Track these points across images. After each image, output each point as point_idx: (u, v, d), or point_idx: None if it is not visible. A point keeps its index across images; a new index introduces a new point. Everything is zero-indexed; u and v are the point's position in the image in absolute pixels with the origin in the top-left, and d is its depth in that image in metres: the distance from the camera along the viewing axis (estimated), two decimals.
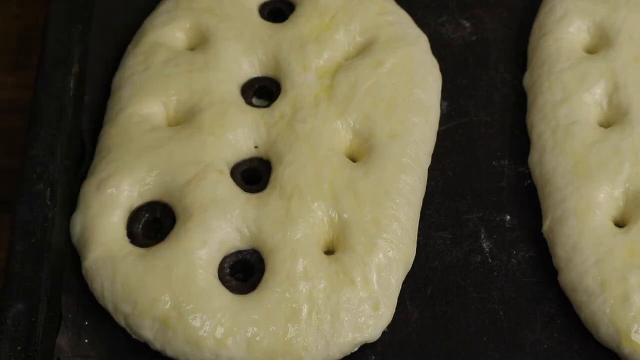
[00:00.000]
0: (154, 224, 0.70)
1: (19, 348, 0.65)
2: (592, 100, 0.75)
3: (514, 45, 0.81)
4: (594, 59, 0.76)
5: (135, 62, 0.76)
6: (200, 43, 0.77)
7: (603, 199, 0.70)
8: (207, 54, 0.76)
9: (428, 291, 0.71)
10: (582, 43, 0.78)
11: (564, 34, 0.78)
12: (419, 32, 0.79)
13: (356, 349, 0.68)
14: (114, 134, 0.73)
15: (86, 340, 0.68)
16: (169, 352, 0.66)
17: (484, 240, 0.72)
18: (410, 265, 0.70)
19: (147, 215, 0.70)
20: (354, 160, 0.73)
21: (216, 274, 0.68)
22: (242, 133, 0.73)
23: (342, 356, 0.67)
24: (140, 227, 0.70)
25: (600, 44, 0.77)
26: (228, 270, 0.68)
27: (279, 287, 0.67)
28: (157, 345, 0.66)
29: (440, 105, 0.77)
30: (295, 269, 0.67)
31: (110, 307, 0.68)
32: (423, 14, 0.82)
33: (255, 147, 0.73)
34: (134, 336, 0.67)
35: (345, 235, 0.69)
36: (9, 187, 0.75)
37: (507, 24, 0.82)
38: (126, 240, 0.69)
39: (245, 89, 0.76)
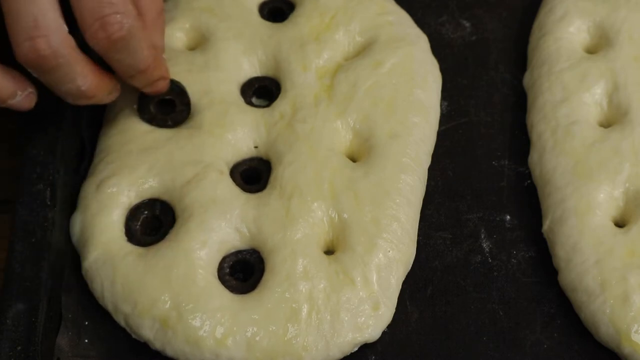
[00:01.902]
0: (152, 221, 0.70)
1: (19, 348, 0.65)
2: (592, 100, 0.75)
3: (514, 45, 0.81)
4: (594, 59, 0.76)
5: None
6: (200, 43, 0.77)
7: (603, 199, 0.70)
8: (207, 53, 0.76)
9: (428, 291, 0.71)
10: (582, 43, 0.78)
11: (564, 34, 0.78)
12: (419, 32, 0.79)
13: (356, 349, 0.68)
14: (113, 134, 0.73)
15: (86, 340, 0.68)
16: (169, 352, 0.66)
17: (484, 240, 0.72)
18: (410, 265, 0.70)
19: (146, 212, 0.70)
20: (354, 160, 0.73)
21: (216, 274, 0.68)
22: (242, 133, 0.73)
23: (342, 356, 0.67)
24: (139, 224, 0.70)
25: (600, 44, 0.77)
26: (228, 270, 0.68)
27: (278, 287, 0.67)
28: (157, 345, 0.66)
29: (440, 105, 0.77)
30: (295, 269, 0.67)
31: (110, 307, 0.68)
32: (423, 14, 0.82)
33: (255, 147, 0.73)
34: (134, 336, 0.67)
35: (345, 235, 0.69)
36: (9, 187, 0.74)
37: (507, 24, 0.82)
38: (126, 239, 0.69)
39: (245, 88, 0.76)
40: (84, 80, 0.65)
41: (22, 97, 0.67)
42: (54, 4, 0.63)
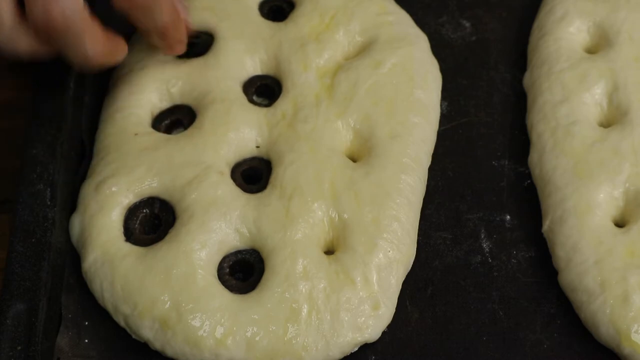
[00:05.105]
0: (151, 219, 0.70)
1: (19, 348, 0.65)
2: (592, 100, 0.75)
3: (514, 45, 0.81)
4: (594, 59, 0.76)
5: (133, 60, 0.76)
6: None
7: (603, 199, 0.70)
8: (207, 52, 0.76)
9: (428, 291, 0.71)
10: (582, 43, 0.78)
11: (564, 34, 0.78)
12: (419, 32, 0.79)
13: (356, 349, 0.68)
14: (112, 134, 0.73)
15: (86, 340, 0.68)
16: (169, 352, 0.66)
17: (484, 240, 0.72)
18: (411, 266, 0.70)
19: (145, 210, 0.70)
20: (354, 160, 0.73)
21: (216, 274, 0.68)
22: (245, 131, 0.73)
23: (342, 356, 0.67)
24: (137, 223, 0.70)
25: (600, 44, 0.77)
26: (227, 270, 0.68)
27: (278, 287, 0.67)
28: (157, 345, 0.66)
29: (440, 105, 0.77)
30: (295, 269, 0.67)
31: (109, 308, 0.68)
32: (423, 14, 0.82)
33: (257, 146, 0.73)
34: (133, 336, 0.67)
35: (346, 235, 0.69)
36: (9, 187, 0.74)
37: (507, 24, 0.82)
38: (125, 240, 0.69)
39: (247, 86, 0.75)
40: (93, 48, 0.67)
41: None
42: None
